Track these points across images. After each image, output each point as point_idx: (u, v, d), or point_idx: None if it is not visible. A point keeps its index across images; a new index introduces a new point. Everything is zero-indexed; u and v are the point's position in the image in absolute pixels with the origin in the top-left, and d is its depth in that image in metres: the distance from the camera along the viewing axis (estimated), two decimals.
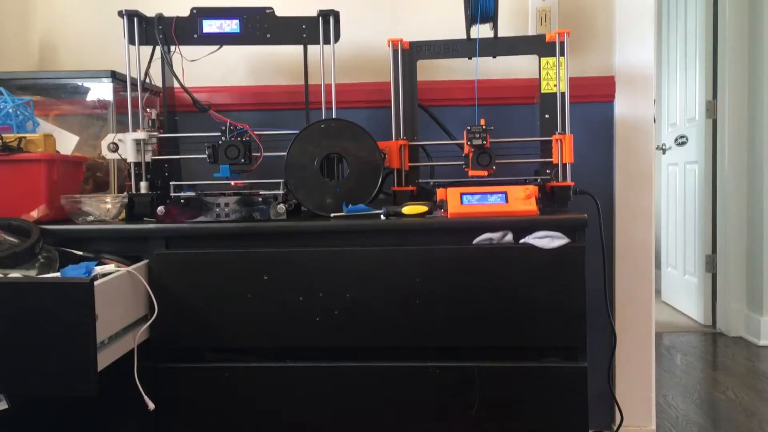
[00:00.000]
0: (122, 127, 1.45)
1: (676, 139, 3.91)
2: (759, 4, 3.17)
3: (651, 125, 1.74)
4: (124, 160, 1.41)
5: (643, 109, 1.73)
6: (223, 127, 1.35)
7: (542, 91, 1.44)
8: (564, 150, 1.40)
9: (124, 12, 1.41)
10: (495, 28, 1.48)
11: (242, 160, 1.34)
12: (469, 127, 1.36)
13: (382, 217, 1.29)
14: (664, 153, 4.12)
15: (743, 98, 3.31)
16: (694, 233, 3.69)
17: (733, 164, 3.36)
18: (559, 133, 1.41)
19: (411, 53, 1.46)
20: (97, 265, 1.20)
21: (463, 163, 1.42)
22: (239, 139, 1.35)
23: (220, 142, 1.34)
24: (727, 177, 3.38)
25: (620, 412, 1.64)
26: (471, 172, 1.37)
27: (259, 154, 1.38)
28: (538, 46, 1.45)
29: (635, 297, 1.75)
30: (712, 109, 3.47)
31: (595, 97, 1.73)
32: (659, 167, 4.22)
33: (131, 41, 1.42)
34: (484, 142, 1.35)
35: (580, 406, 1.25)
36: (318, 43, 1.44)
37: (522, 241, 1.24)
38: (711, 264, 3.55)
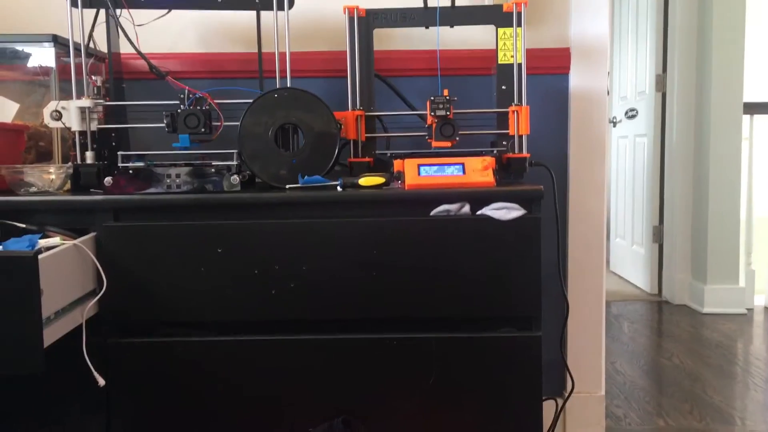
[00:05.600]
0: (65, 95, 1.39)
1: (626, 112, 3.98)
2: None
3: (605, 98, 1.76)
4: (68, 128, 1.35)
5: (597, 81, 1.74)
6: (182, 95, 1.30)
7: (499, 62, 1.43)
8: (520, 121, 1.40)
9: None
10: None
11: (202, 130, 1.29)
12: (432, 98, 1.34)
13: (339, 188, 1.27)
14: (614, 126, 4.19)
15: (692, 73, 3.39)
16: (642, 205, 3.79)
17: (681, 138, 3.44)
18: (515, 105, 1.41)
19: (367, 21, 1.43)
20: (42, 238, 1.15)
21: (420, 134, 1.40)
22: (198, 107, 1.30)
23: (179, 110, 1.30)
24: (675, 150, 3.47)
25: (572, 378, 1.68)
26: (434, 143, 1.35)
27: (219, 123, 1.34)
28: (495, 16, 1.44)
29: (587, 267, 1.78)
30: (661, 83, 3.54)
31: (550, 68, 1.74)
32: (609, 140, 4.30)
33: (74, 3, 1.35)
34: (448, 113, 1.34)
35: (534, 374, 1.27)
36: (272, 9, 1.40)
37: (479, 212, 1.24)
38: (658, 235, 3.65)
